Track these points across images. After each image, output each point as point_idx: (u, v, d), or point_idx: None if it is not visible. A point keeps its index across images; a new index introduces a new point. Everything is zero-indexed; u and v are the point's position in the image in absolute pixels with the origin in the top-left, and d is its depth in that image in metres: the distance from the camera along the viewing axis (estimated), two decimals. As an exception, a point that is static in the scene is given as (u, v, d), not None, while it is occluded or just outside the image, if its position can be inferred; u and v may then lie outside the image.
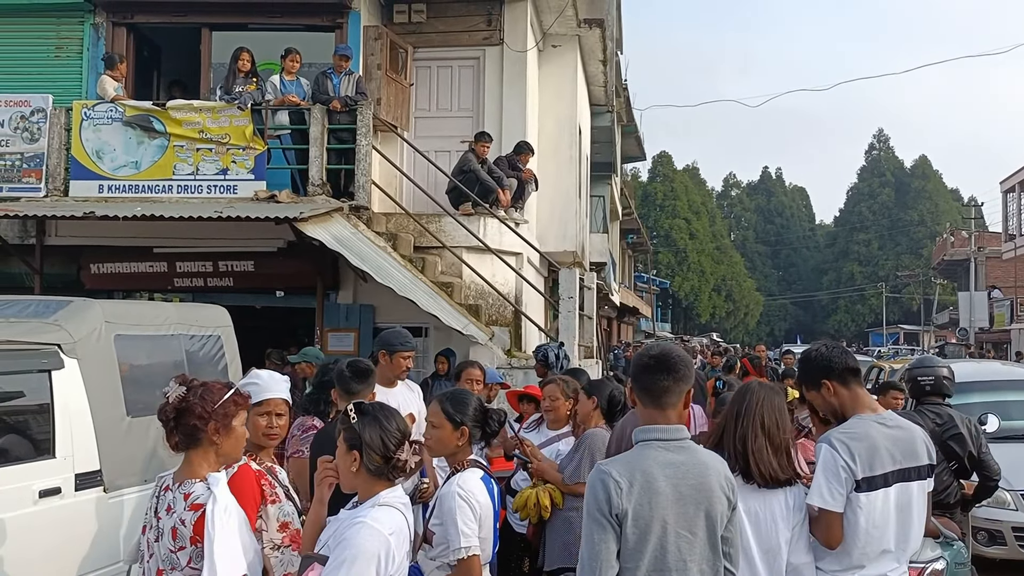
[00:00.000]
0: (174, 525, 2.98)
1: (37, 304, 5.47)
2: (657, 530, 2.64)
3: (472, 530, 3.25)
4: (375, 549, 2.71)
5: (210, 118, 9.85)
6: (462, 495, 3.29)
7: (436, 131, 11.94)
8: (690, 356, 3.03)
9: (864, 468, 3.25)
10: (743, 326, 72.47)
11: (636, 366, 2.84)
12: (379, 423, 2.91)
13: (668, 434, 2.75)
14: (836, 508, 3.25)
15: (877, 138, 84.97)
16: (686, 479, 2.70)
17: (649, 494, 2.64)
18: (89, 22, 11.11)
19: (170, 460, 5.53)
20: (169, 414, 3.09)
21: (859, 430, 3.33)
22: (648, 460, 2.71)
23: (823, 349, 3.53)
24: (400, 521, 2.85)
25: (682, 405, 2.82)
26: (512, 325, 10.60)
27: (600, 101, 16.95)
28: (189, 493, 3.00)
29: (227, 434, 3.10)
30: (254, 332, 10.78)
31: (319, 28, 11.23)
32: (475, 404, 3.59)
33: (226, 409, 3.10)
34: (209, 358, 6.17)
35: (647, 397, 2.79)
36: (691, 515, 2.69)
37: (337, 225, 9.26)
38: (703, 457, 2.79)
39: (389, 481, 2.90)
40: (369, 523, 2.76)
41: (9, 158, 9.98)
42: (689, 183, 72.71)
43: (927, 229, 73.92)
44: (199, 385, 3.13)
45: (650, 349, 2.88)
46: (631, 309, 34.97)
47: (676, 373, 2.78)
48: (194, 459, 3.09)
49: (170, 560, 2.99)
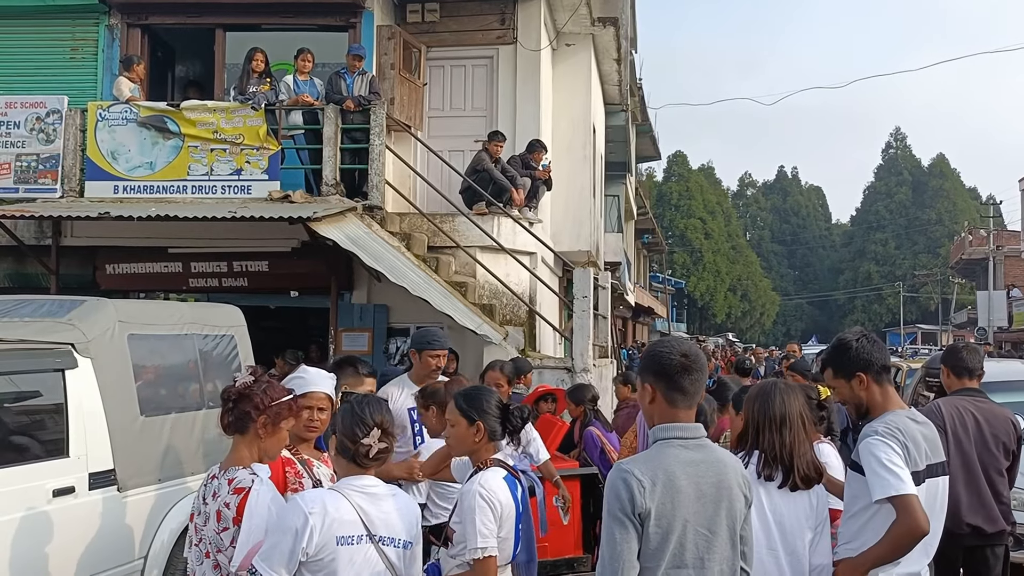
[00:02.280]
0: (219, 508, 3.13)
1: (51, 304, 5.50)
2: (678, 529, 2.60)
3: (490, 530, 3.22)
4: (291, 523, 2.85)
5: (224, 118, 9.87)
6: (483, 494, 3.25)
7: (449, 131, 11.91)
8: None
9: (911, 462, 3.20)
10: (759, 326, 72.18)
11: (666, 365, 2.72)
12: (353, 411, 3.06)
13: (687, 432, 2.71)
14: (912, 490, 3.10)
15: (894, 136, 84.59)
16: (706, 477, 2.66)
17: (671, 493, 2.60)
18: (104, 24, 11.16)
19: (185, 459, 5.57)
20: (231, 396, 3.29)
21: (900, 424, 3.27)
22: (669, 458, 2.66)
23: (864, 343, 3.41)
24: (335, 505, 2.89)
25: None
26: (526, 325, 10.56)
27: (614, 100, 16.89)
28: (233, 479, 3.16)
29: (272, 432, 3.27)
30: (269, 332, 10.84)
31: (332, 28, 11.23)
32: (492, 400, 3.54)
33: (280, 409, 3.28)
34: (223, 358, 6.17)
35: (680, 396, 2.71)
36: (711, 514, 2.65)
37: (351, 225, 9.25)
38: (720, 455, 2.76)
39: (358, 466, 3.00)
40: (296, 499, 2.96)
41: (25, 159, 10.04)
42: (704, 183, 72.45)
43: (945, 228, 73.40)
44: (266, 380, 3.34)
45: (671, 346, 2.76)
46: (646, 309, 34.89)
47: (704, 372, 2.76)
48: (240, 447, 3.27)
49: (216, 542, 3.13)
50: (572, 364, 9.52)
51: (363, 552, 2.91)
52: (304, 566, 2.86)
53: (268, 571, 2.82)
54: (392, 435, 3.10)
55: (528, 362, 8.33)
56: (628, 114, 18.43)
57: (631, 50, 16.98)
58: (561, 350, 11.96)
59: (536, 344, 10.85)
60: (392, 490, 3.09)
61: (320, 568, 2.86)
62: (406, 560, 3.03)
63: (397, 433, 3.16)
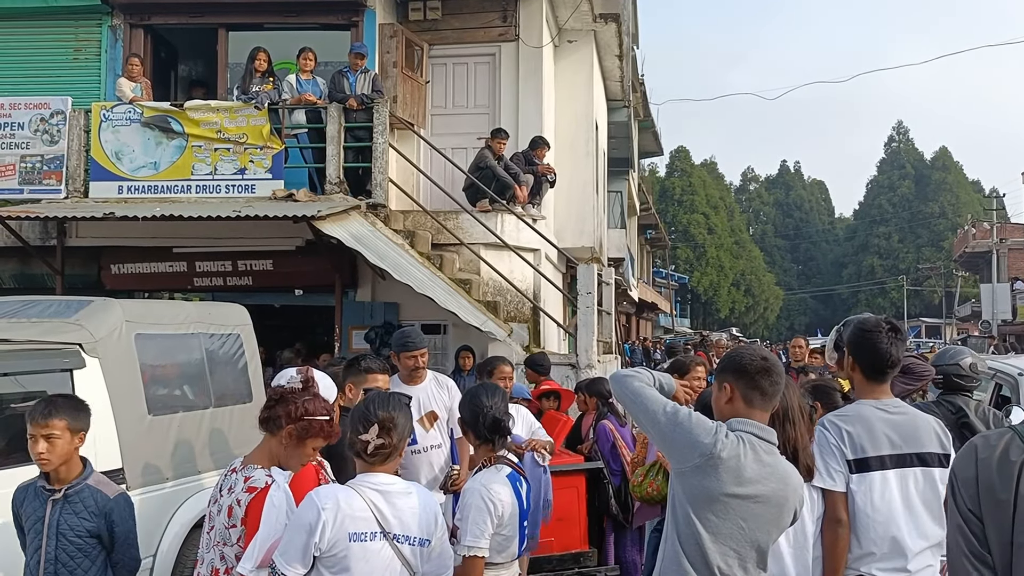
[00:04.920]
0: (231, 504, 3.14)
1: (58, 304, 5.51)
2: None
3: (483, 531, 3.25)
4: (306, 519, 2.87)
5: (227, 118, 9.88)
6: (483, 494, 3.29)
7: (452, 128, 11.93)
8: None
9: (855, 449, 3.28)
10: (763, 321, 72.07)
11: (747, 365, 2.84)
12: (359, 408, 3.12)
13: (764, 433, 2.81)
14: (836, 487, 3.27)
15: (896, 130, 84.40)
16: (767, 483, 2.77)
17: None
18: (107, 24, 11.19)
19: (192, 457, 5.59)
20: (275, 395, 3.30)
21: (852, 413, 3.38)
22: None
23: (884, 339, 3.40)
24: (348, 501, 2.91)
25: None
26: (531, 321, 10.58)
27: (616, 96, 16.89)
28: (249, 476, 3.16)
29: (296, 445, 3.23)
30: (274, 331, 10.87)
31: (335, 27, 11.25)
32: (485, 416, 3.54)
33: (310, 424, 3.22)
34: (229, 356, 6.19)
35: (758, 396, 2.83)
36: (764, 523, 2.76)
37: (355, 223, 9.26)
38: (786, 467, 2.85)
39: (366, 462, 3.02)
40: (310, 495, 2.96)
41: (30, 160, 10.06)
42: (707, 178, 72.37)
43: (948, 221, 73.24)
44: (313, 393, 3.29)
45: (751, 349, 2.92)
46: (650, 305, 34.87)
47: (782, 379, 2.89)
48: (266, 446, 3.26)
49: (223, 536, 3.16)
50: (576, 360, 9.55)
51: (377, 549, 2.91)
52: (319, 561, 2.88)
53: (285, 567, 2.85)
54: (394, 432, 3.04)
55: (546, 357, 8.35)
56: (630, 110, 18.42)
57: (633, 46, 16.96)
58: (565, 346, 11.97)
59: (540, 340, 10.87)
60: (410, 488, 3.07)
61: (334, 563, 2.88)
62: (422, 557, 3.01)
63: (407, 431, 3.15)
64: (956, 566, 2.02)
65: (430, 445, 5.15)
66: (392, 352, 5.49)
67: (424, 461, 5.16)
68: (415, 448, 5.12)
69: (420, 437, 5.13)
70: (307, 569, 2.88)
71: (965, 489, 2.07)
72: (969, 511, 2.04)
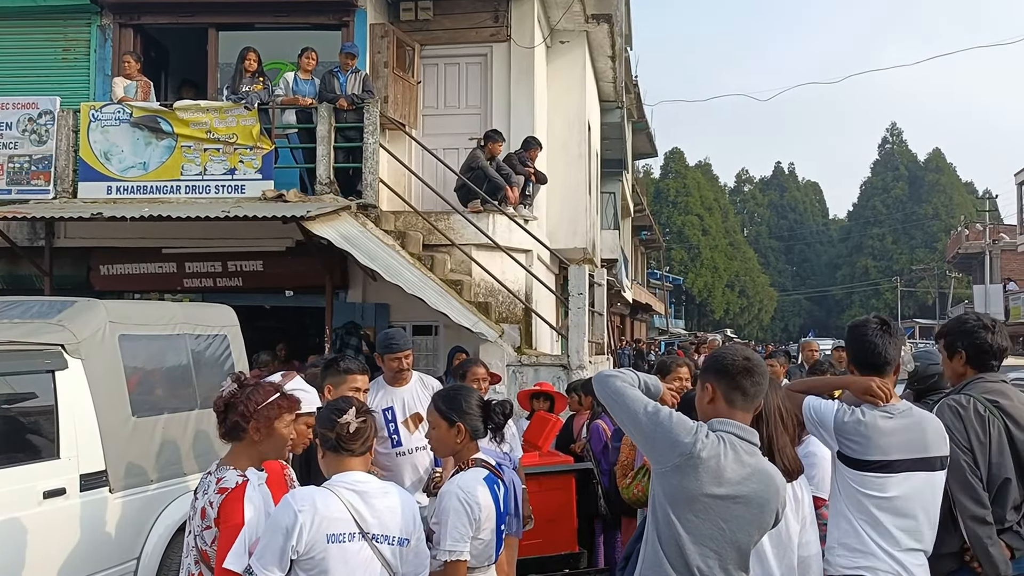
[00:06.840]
0: (203, 505, 3.13)
1: (41, 304, 5.46)
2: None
3: (462, 534, 3.20)
4: (282, 522, 2.84)
5: (217, 118, 9.83)
6: (460, 496, 3.24)
7: (444, 128, 11.88)
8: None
9: (860, 450, 3.25)
10: (757, 322, 72.21)
11: (728, 365, 2.80)
12: (325, 407, 3.16)
13: (745, 433, 2.77)
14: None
15: (890, 132, 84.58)
16: (747, 484, 2.73)
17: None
18: (96, 24, 11.12)
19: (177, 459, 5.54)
20: (219, 407, 3.28)
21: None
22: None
23: (871, 332, 3.42)
24: (325, 503, 2.88)
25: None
26: (523, 322, 10.54)
27: (609, 97, 16.86)
28: (221, 478, 3.14)
29: (268, 435, 3.23)
30: (264, 332, 10.81)
31: (325, 27, 11.20)
32: (472, 399, 3.52)
33: (268, 412, 3.23)
34: (215, 358, 6.15)
35: (739, 396, 2.79)
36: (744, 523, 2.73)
37: (345, 224, 9.22)
38: (768, 467, 2.81)
39: (345, 452, 3.01)
40: (287, 497, 2.94)
41: (17, 160, 9.99)
42: (701, 179, 72.46)
43: (941, 222, 73.40)
44: (251, 385, 3.29)
45: (734, 349, 2.89)
46: (644, 306, 34.87)
47: (765, 379, 2.86)
48: (236, 451, 3.25)
49: (201, 537, 3.15)
50: (568, 361, 9.51)
51: (356, 550, 2.88)
52: (296, 564, 2.85)
53: (262, 571, 2.81)
54: (371, 417, 3.12)
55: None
56: (623, 111, 18.39)
57: (626, 47, 16.95)
58: (558, 347, 11.93)
59: (532, 341, 10.83)
60: (387, 487, 3.06)
61: (312, 566, 2.85)
62: (402, 557, 2.99)
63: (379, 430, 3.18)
64: (962, 482, 3.45)
65: (415, 447, 5.10)
66: (376, 354, 5.45)
67: (408, 463, 5.11)
68: (399, 450, 5.09)
69: (404, 439, 5.09)
70: (284, 572, 2.84)
71: (958, 433, 3.47)
72: (965, 447, 3.48)
